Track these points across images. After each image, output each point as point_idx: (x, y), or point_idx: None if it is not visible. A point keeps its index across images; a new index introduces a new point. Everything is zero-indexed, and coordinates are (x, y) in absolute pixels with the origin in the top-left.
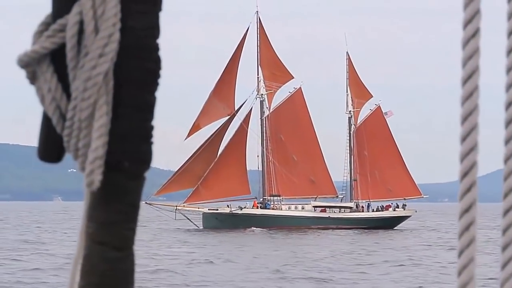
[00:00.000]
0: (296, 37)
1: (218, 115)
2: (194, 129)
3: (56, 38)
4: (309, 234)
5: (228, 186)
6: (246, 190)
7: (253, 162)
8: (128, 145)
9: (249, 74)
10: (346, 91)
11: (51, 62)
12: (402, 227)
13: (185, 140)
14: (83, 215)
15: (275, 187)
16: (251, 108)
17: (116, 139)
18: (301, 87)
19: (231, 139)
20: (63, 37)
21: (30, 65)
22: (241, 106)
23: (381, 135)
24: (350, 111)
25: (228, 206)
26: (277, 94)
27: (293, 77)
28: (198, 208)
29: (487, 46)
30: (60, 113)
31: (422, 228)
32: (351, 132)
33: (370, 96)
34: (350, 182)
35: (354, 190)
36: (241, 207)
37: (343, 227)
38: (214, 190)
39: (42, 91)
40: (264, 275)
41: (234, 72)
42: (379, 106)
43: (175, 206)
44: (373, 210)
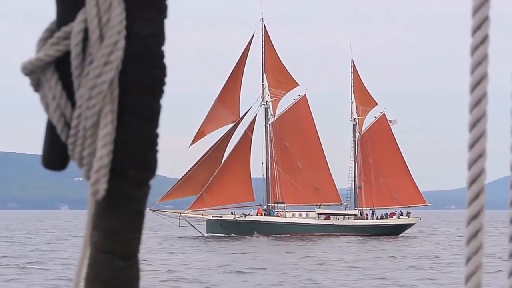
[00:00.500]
0: (300, 44)
1: (222, 122)
2: (199, 136)
3: (60, 46)
4: (321, 241)
5: (232, 193)
6: (250, 197)
7: (257, 170)
8: (133, 153)
9: (254, 81)
10: (351, 99)
11: (56, 69)
12: (407, 234)
13: (189, 147)
14: (87, 224)
15: (280, 194)
16: (256, 115)
17: (121, 147)
18: (305, 94)
19: (236, 146)
20: (68, 44)
21: (35, 72)
22: (246, 113)
23: (385, 143)
24: (354, 119)
25: (232, 213)
26: (282, 101)
27: (298, 84)
28: (202, 215)
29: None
30: (64, 121)
31: (433, 235)
32: (356, 139)
33: (375, 103)
34: (354, 190)
35: (359, 198)
36: (245, 214)
37: (347, 235)
38: (218, 197)
39: (47, 99)
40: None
41: (239, 79)
42: (384, 114)
43: (179, 213)
44: (377, 218)
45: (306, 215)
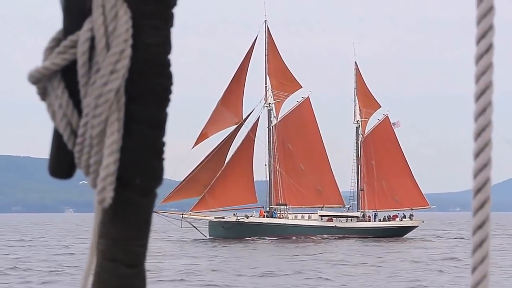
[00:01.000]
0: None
1: (225, 124)
2: (202, 137)
3: (67, 55)
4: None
5: (234, 195)
6: (253, 199)
7: (260, 173)
8: (139, 161)
9: (257, 83)
10: (354, 101)
11: (62, 78)
12: (411, 237)
13: (192, 148)
14: (94, 232)
15: (282, 196)
16: (259, 117)
17: (127, 156)
18: (309, 97)
19: (238, 148)
20: (74, 53)
21: (41, 81)
22: (249, 115)
23: (388, 145)
24: (358, 121)
25: (234, 214)
26: (285, 103)
27: (301, 86)
28: (205, 216)
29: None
30: (71, 129)
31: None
32: (359, 141)
33: (378, 106)
34: (357, 192)
35: (361, 200)
36: (247, 216)
37: (350, 237)
38: (221, 198)
39: (53, 107)
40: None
41: (242, 80)
42: (387, 116)
43: (181, 214)
44: (380, 220)
45: (309, 217)
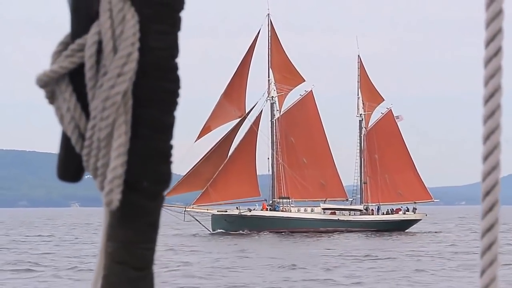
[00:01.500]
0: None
1: (228, 118)
2: (205, 131)
3: (75, 58)
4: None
5: (237, 188)
6: (256, 192)
7: (263, 166)
8: (147, 165)
9: (260, 76)
10: (357, 94)
11: (70, 81)
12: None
13: (195, 142)
14: (103, 235)
15: (285, 190)
16: (262, 110)
17: (135, 159)
18: (312, 90)
19: (241, 141)
20: (82, 56)
21: (49, 84)
22: (251, 109)
23: (392, 139)
24: (361, 114)
25: (237, 208)
26: (288, 97)
27: (304, 80)
28: (207, 209)
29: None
30: (79, 132)
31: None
32: (362, 135)
33: (382, 99)
34: (360, 185)
35: (364, 193)
36: (250, 209)
37: (353, 230)
38: (224, 192)
39: (61, 111)
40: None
41: (245, 74)
42: (391, 110)
43: (184, 208)
44: (383, 213)
45: (311, 210)
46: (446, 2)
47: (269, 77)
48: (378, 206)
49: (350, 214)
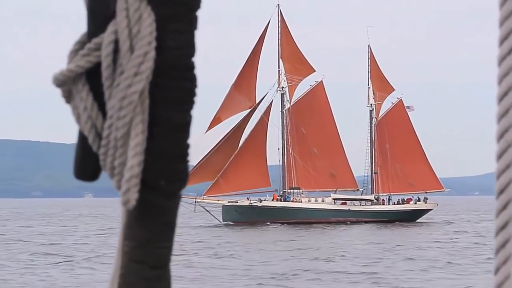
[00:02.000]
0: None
1: (239, 108)
2: (215, 122)
3: (91, 57)
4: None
5: (248, 179)
6: (266, 183)
7: (274, 157)
8: (164, 164)
9: (270, 67)
10: (368, 84)
11: (87, 81)
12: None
13: (205, 133)
14: (120, 234)
15: (295, 180)
16: (272, 101)
17: (152, 158)
18: (322, 80)
19: (252, 132)
20: (99, 56)
21: (66, 84)
22: (262, 99)
23: (402, 129)
24: (371, 104)
25: (247, 198)
26: (298, 87)
27: (314, 70)
28: (218, 200)
29: None
30: (96, 132)
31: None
32: (372, 125)
33: (392, 89)
34: (370, 175)
35: (375, 183)
36: (260, 200)
37: (363, 220)
38: (234, 182)
39: (78, 110)
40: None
41: (255, 65)
42: (401, 100)
43: (195, 199)
44: (394, 203)
45: (322, 201)
46: None
47: (279, 67)
48: (389, 196)
49: (361, 204)
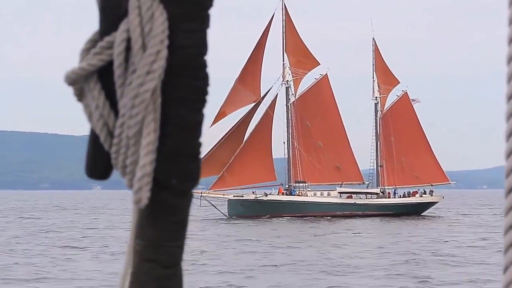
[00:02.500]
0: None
1: (243, 102)
2: (220, 116)
3: (103, 56)
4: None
5: (253, 173)
6: (272, 177)
7: (279, 150)
8: (176, 163)
9: (274, 61)
10: (373, 77)
11: (99, 79)
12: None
13: (210, 127)
14: (131, 232)
15: (301, 174)
16: (277, 94)
17: (164, 157)
18: (327, 74)
19: (257, 126)
20: (111, 54)
21: (78, 82)
22: (267, 93)
23: (408, 121)
24: (376, 97)
25: (253, 192)
26: (303, 80)
27: (319, 63)
28: (223, 194)
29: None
30: (107, 130)
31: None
32: (378, 118)
33: (397, 82)
34: (376, 168)
35: (381, 176)
36: (266, 194)
37: (369, 213)
38: (239, 176)
39: (90, 109)
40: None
41: (260, 58)
42: (406, 92)
43: (200, 193)
44: (399, 196)
45: (328, 194)
46: None
47: (284, 61)
48: (395, 189)
49: (366, 198)
